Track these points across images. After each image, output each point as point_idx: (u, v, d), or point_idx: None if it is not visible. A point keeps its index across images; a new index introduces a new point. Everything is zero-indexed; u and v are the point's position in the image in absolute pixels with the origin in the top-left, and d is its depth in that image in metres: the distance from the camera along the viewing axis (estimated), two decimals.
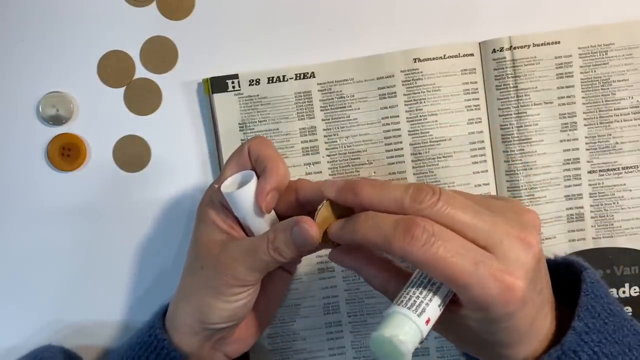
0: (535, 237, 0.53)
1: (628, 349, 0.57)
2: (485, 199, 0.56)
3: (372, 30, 0.75)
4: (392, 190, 0.55)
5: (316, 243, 0.58)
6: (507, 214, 0.54)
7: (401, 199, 0.54)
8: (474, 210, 0.53)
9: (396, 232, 0.52)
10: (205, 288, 0.62)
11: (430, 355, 0.75)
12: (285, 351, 0.76)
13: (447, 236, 0.51)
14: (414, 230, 0.51)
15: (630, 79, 0.72)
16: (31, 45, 0.75)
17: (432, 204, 0.53)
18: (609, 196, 0.74)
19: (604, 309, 0.57)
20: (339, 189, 0.57)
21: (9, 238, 0.76)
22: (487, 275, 0.50)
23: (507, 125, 0.73)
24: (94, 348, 0.77)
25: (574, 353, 0.55)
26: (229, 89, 0.73)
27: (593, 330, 0.56)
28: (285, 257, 0.59)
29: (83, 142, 0.75)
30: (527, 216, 0.55)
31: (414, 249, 0.51)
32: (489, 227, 0.52)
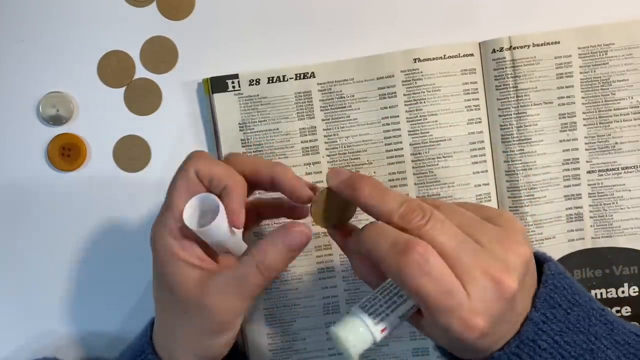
0: (513, 278, 0.53)
1: (595, 337, 0.58)
2: (480, 225, 0.57)
3: (372, 30, 0.75)
4: (387, 202, 0.56)
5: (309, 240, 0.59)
6: (494, 247, 0.55)
7: (391, 214, 0.56)
8: (459, 240, 0.54)
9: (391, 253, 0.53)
10: (200, 332, 0.60)
11: (430, 355, 0.75)
12: (285, 351, 0.76)
13: (436, 266, 0.52)
14: (408, 254, 0.52)
15: (630, 79, 0.72)
16: (31, 46, 0.75)
17: (419, 226, 0.54)
18: (608, 196, 0.74)
19: (567, 300, 0.58)
20: (341, 181, 0.59)
21: (9, 238, 0.76)
22: (456, 312, 0.52)
23: (507, 125, 0.73)
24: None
25: (533, 342, 0.56)
26: (229, 89, 0.73)
27: (552, 320, 0.57)
28: (279, 271, 0.59)
29: (83, 142, 0.75)
30: (516, 251, 0.55)
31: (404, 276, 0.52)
32: (469, 262, 0.53)
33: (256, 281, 0.58)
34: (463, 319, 0.52)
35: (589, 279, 0.75)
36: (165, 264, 0.60)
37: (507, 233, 0.56)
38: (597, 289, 0.75)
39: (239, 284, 0.58)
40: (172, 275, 0.60)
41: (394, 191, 0.58)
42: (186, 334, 0.61)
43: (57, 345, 0.77)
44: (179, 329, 0.61)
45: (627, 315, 0.75)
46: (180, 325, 0.61)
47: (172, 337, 0.62)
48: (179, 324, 0.61)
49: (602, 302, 0.73)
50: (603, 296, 0.75)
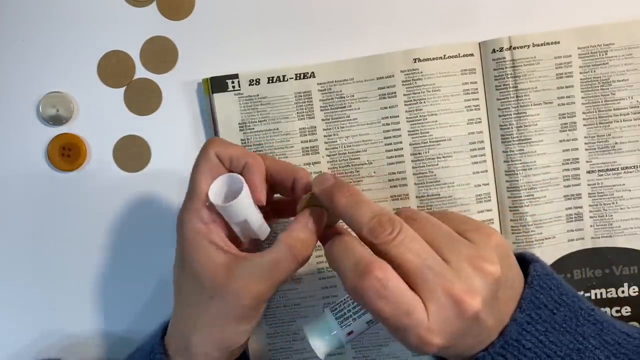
0: (476, 299, 0.54)
1: (582, 337, 0.58)
2: (451, 241, 0.57)
3: (372, 30, 0.75)
4: (359, 214, 0.57)
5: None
6: (461, 264, 0.55)
7: (362, 226, 0.57)
8: (425, 257, 0.55)
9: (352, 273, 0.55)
10: (225, 318, 0.60)
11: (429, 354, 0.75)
12: (285, 351, 0.76)
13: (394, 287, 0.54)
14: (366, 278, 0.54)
15: (630, 79, 0.72)
16: (31, 45, 0.75)
17: (386, 242, 0.55)
18: (608, 196, 0.74)
19: (553, 300, 0.59)
20: (322, 190, 0.61)
21: (9, 238, 0.76)
22: (409, 328, 0.53)
23: (507, 125, 0.73)
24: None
25: (517, 342, 0.57)
26: (229, 89, 0.73)
27: (537, 320, 0.58)
28: (308, 257, 0.61)
29: (83, 142, 0.75)
30: (484, 270, 0.55)
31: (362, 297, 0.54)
32: (431, 280, 0.54)
33: (290, 266, 0.59)
34: (419, 337, 0.53)
35: (589, 279, 0.75)
36: (194, 248, 0.61)
37: (479, 251, 0.56)
38: (597, 289, 0.75)
39: (271, 268, 0.59)
40: (200, 259, 0.60)
41: (370, 203, 0.59)
42: (209, 320, 0.61)
43: (61, 345, 0.77)
44: (201, 316, 0.61)
45: (627, 315, 0.75)
46: (203, 311, 0.61)
47: (192, 326, 0.62)
48: (202, 310, 0.61)
49: (601, 302, 0.74)
50: (603, 296, 0.75)
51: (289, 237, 0.60)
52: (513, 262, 0.59)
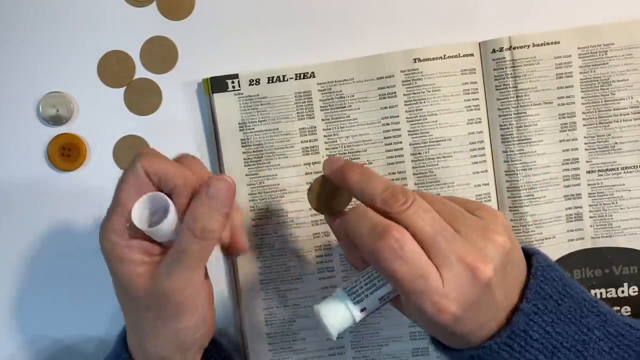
0: (488, 266, 0.55)
1: (587, 328, 0.58)
2: (460, 215, 0.58)
3: (372, 30, 0.75)
4: (372, 187, 0.58)
5: (234, 190, 0.58)
6: (472, 235, 0.56)
7: (375, 197, 0.57)
8: (438, 226, 0.55)
9: (369, 237, 0.55)
10: (166, 320, 0.59)
11: (429, 355, 0.75)
12: (284, 351, 0.76)
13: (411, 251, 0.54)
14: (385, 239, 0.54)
15: (630, 79, 0.72)
16: (31, 46, 0.75)
17: (400, 211, 0.56)
18: (608, 196, 0.74)
19: (557, 291, 0.59)
20: (334, 169, 0.61)
21: (9, 238, 0.76)
22: (428, 295, 0.54)
23: (507, 125, 0.73)
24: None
25: (524, 332, 0.57)
26: (229, 89, 0.73)
27: (543, 311, 0.58)
28: (216, 230, 0.58)
29: (83, 142, 0.75)
30: (495, 241, 0.56)
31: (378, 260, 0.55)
32: (445, 247, 0.54)
33: (196, 247, 0.57)
34: (435, 302, 0.53)
35: (589, 278, 0.75)
36: (114, 266, 0.59)
37: (487, 224, 0.57)
38: (596, 289, 0.75)
39: (180, 256, 0.57)
40: (122, 276, 0.59)
41: (382, 177, 0.59)
42: (154, 327, 0.60)
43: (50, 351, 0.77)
44: (146, 327, 0.60)
45: (627, 315, 0.75)
46: (145, 320, 0.60)
47: (142, 336, 0.61)
48: (144, 319, 0.60)
49: None
50: (603, 296, 0.75)
51: (188, 219, 0.57)
52: (518, 245, 0.60)
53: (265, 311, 0.75)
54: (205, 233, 0.57)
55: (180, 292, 0.58)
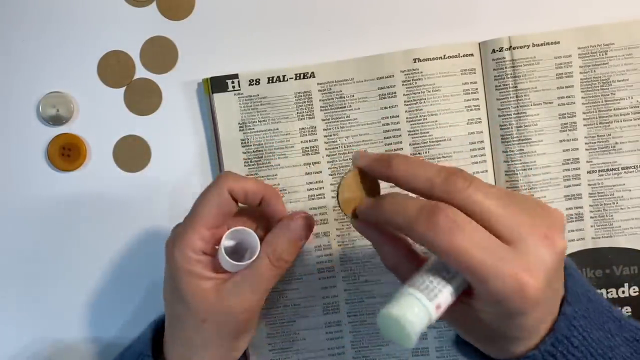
0: (561, 236, 0.52)
1: (610, 334, 0.57)
2: (514, 193, 0.56)
3: (372, 30, 0.75)
4: (426, 170, 0.54)
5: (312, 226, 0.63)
6: (535, 209, 0.53)
7: (433, 179, 0.53)
8: (504, 201, 0.52)
9: (420, 216, 0.51)
10: (220, 337, 0.62)
11: (429, 355, 0.75)
12: (285, 351, 0.76)
13: (471, 227, 0.51)
14: (438, 216, 0.50)
15: (630, 79, 0.72)
16: (31, 45, 0.75)
17: (463, 189, 0.52)
18: (609, 196, 0.74)
19: (584, 295, 0.57)
20: (373, 159, 0.57)
21: (9, 238, 0.76)
22: (505, 270, 0.49)
23: (507, 125, 0.73)
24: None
25: (566, 339, 0.54)
26: (229, 89, 0.73)
27: (579, 315, 0.56)
28: (290, 260, 0.62)
29: (83, 142, 0.75)
30: (555, 214, 0.53)
31: (436, 236, 0.50)
32: (517, 221, 0.51)
33: (270, 273, 0.61)
34: (517, 278, 0.49)
35: (590, 279, 0.75)
36: (180, 279, 0.61)
37: (538, 201, 0.55)
38: (597, 289, 0.74)
39: (254, 280, 0.60)
40: (189, 288, 0.61)
41: (426, 161, 0.57)
42: (205, 342, 0.62)
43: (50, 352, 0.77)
44: (197, 339, 0.62)
45: (628, 315, 0.75)
46: (198, 334, 0.62)
47: (189, 348, 0.63)
48: (197, 333, 0.62)
49: None
50: (603, 296, 0.74)
51: (267, 247, 0.61)
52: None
53: (265, 311, 0.75)
54: (281, 262, 0.62)
55: (246, 312, 0.61)
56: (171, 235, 0.63)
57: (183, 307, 0.62)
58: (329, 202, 0.74)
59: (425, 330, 0.52)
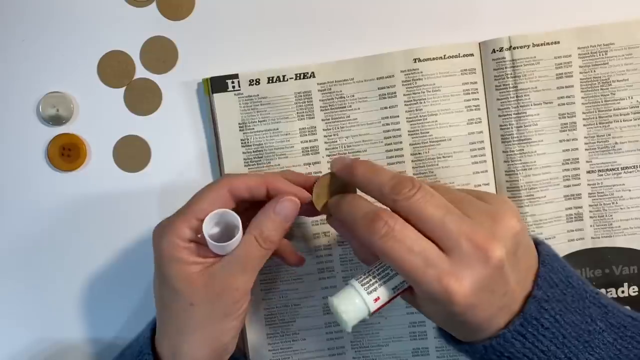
0: (499, 246, 0.55)
1: (590, 319, 0.59)
2: (469, 200, 0.58)
3: (372, 30, 0.75)
4: (379, 177, 0.59)
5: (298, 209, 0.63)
6: (481, 218, 0.56)
7: (383, 186, 0.58)
8: (445, 210, 0.56)
9: (363, 220, 0.57)
10: (210, 319, 0.61)
11: (429, 355, 0.75)
12: (284, 351, 0.76)
13: (405, 233, 0.55)
14: (376, 222, 0.56)
15: (629, 79, 0.72)
16: (31, 45, 0.75)
17: (407, 197, 0.56)
18: (608, 196, 0.74)
19: (562, 281, 0.59)
20: (342, 165, 0.63)
21: (9, 239, 0.76)
22: (432, 276, 0.54)
23: (507, 125, 0.73)
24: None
25: (536, 320, 0.57)
26: (229, 89, 0.73)
27: (552, 299, 0.58)
28: (276, 241, 0.62)
29: (83, 142, 0.75)
30: (504, 224, 0.56)
31: (373, 240, 0.56)
32: (454, 229, 0.55)
33: (257, 253, 0.61)
34: (443, 284, 0.54)
35: (589, 279, 0.75)
36: (166, 265, 0.62)
37: (497, 209, 0.58)
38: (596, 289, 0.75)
39: (241, 260, 0.61)
40: (172, 274, 0.61)
41: (389, 169, 0.60)
42: (195, 326, 0.62)
43: (50, 352, 0.77)
44: (187, 323, 0.62)
45: None
46: (187, 318, 0.62)
47: (178, 334, 0.63)
48: (186, 317, 0.62)
49: None
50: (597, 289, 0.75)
51: (254, 228, 0.62)
52: (527, 229, 0.61)
53: (265, 311, 0.75)
54: (268, 244, 0.62)
55: (237, 292, 0.61)
56: (158, 224, 0.63)
57: (170, 293, 0.62)
58: None
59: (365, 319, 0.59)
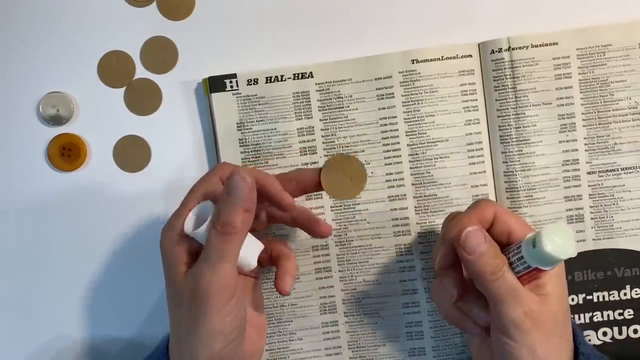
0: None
1: None
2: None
3: (370, 31, 0.75)
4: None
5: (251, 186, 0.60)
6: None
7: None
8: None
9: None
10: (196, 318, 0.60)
11: (426, 355, 0.75)
12: (281, 351, 0.76)
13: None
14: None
15: (627, 80, 0.72)
16: (31, 45, 0.75)
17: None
18: (609, 197, 0.74)
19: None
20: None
21: (9, 239, 0.76)
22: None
23: (506, 126, 0.73)
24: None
25: None
26: (227, 89, 0.73)
27: None
28: (236, 226, 0.59)
29: (83, 142, 0.75)
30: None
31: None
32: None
33: (219, 239, 0.59)
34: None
35: (591, 281, 0.74)
36: (164, 262, 0.62)
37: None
38: (598, 292, 0.74)
39: (205, 252, 0.59)
40: (169, 273, 0.62)
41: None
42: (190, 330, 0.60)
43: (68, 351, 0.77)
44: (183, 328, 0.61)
45: (630, 317, 0.74)
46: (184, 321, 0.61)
47: (180, 338, 0.62)
48: (182, 321, 0.61)
49: (604, 305, 0.74)
50: (605, 299, 0.74)
51: (213, 217, 0.60)
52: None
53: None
54: (226, 227, 0.59)
55: (206, 288, 0.59)
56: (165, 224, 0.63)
57: (170, 294, 0.63)
58: (326, 202, 0.74)
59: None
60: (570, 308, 0.73)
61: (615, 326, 0.74)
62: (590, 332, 0.74)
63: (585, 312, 0.74)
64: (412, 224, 0.74)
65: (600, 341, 0.74)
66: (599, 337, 0.74)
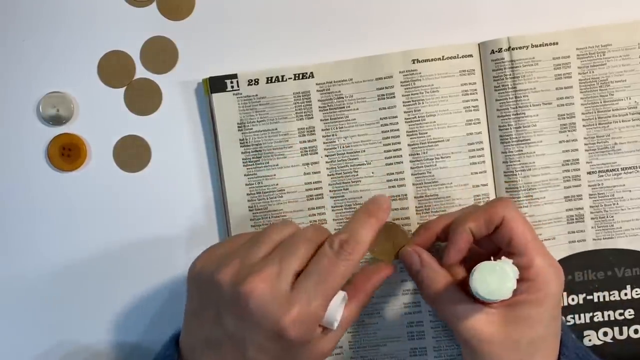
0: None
1: None
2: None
3: (371, 31, 0.75)
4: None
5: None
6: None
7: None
8: None
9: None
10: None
11: (427, 355, 0.75)
12: None
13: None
14: None
15: (627, 80, 0.72)
16: (31, 45, 0.75)
17: None
18: (609, 197, 0.74)
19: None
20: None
21: (9, 239, 0.76)
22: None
23: (506, 126, 0.73)
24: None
25: None
26: (228, 89, 0.73)
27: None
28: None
29: (83, 142, 0.75)
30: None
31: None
32: None
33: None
34: None
35: (591, 281, 0.74)
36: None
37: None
38: (599, 292, 0.74)
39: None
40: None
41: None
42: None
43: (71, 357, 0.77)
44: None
45: (631, 318, 0.74)
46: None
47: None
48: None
49: (604, 305, 0.74)
50: (605, 299, 0.74)
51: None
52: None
53: None
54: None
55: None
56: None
57: None
58: (327, 202, 0.74)
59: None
60: (571, 308, 0.74)
61: (616, 326, 0.74)
62: (590, 332, 0.74)
63: (585, 312, 0.74)
64: (413, 224, 0.74)
65: (601, 341, 0.74)
66: (600, 337, 0.74)
